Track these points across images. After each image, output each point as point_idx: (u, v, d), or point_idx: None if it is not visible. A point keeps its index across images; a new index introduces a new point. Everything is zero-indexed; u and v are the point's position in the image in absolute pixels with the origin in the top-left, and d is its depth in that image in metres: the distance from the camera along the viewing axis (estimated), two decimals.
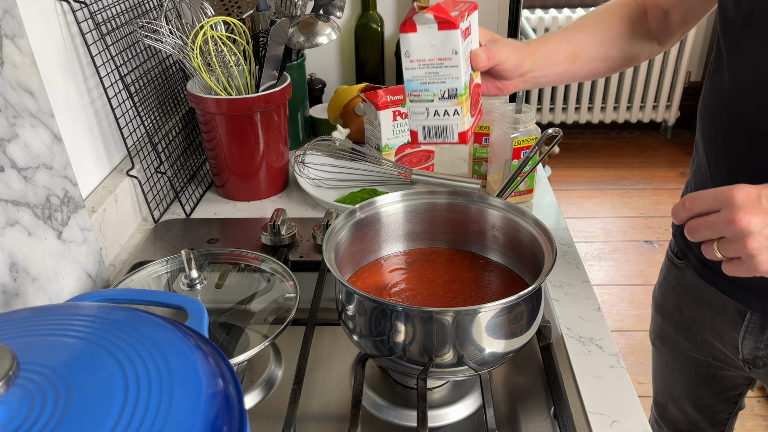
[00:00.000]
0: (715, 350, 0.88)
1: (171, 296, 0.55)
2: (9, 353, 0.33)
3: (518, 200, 1.03)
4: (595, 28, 0.83)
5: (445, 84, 0.66)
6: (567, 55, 0.80)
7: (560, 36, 0.82)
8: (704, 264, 0.82)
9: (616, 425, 0.63)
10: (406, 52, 0.66)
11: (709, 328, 0.86)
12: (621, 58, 0.84)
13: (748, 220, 0.54)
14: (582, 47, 0.81)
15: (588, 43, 0.81)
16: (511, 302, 0.58)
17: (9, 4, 0.65)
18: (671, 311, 0.93)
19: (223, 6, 1.07)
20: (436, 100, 0.67)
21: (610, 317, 2.22)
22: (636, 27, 0.83)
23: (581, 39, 0.82)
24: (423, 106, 0.68)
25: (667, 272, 0.94)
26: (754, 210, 0.54)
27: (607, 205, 2.90)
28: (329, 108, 1.23)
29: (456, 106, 0.66)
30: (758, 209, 0.54)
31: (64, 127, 0.84)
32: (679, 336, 0.93)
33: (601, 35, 0.82)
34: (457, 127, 0.68)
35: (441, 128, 0.69)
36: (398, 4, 1.36)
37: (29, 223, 0.67)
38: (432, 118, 0.68)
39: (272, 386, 0.72)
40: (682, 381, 0.98)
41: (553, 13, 3.05)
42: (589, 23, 0.83)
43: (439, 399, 0.69)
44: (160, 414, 0.33)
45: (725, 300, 0.81)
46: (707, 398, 0.96)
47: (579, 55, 0.81)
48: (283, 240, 0.89)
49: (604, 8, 0.85)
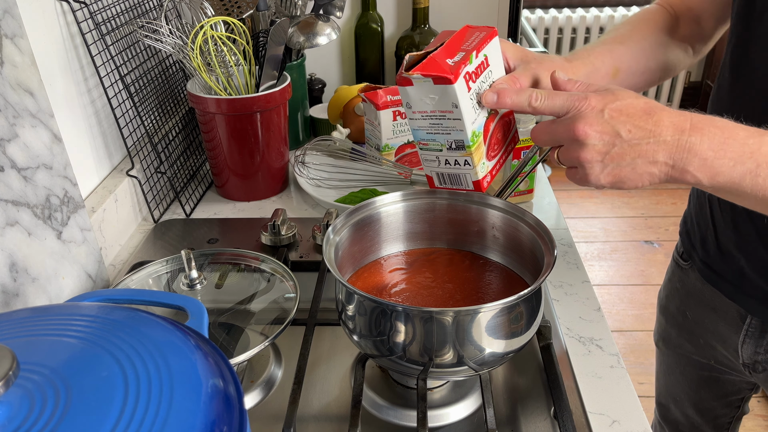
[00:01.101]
0: (717, 354, 0.87)
1: (171, 296, 0.54)
2: (9, 353, 0.33)
3: (518, 200, 1.03)
4: (633, 40, 0.79)
5: (450, 135, 0.61)
6: (608, 70, 0.77)
7: (602, 49, 0.78)
8: (708, 267, 0.82)
9: (616, 425, 0.63)
10: (407, 103, 0.62)
11: (711, 331, 0.86)
12: (658, 70, 0.81)
13: (585, 131, 0.54)
14: (623, 60, 0.78)
15: (628, 56, 0.78)
16: (511, 302, 0.58)
17: (9, 4, 0.65)
18: (675, 313, 0.93)
19: (223, 6, 1.07)
20: (444, 150, 0.63)
21: (610, 317, 2.22)
22: (671, 35, 0.80)
23: (622, 52, 0.78)
24: (433, 155, 0.64)
25: (672, 274, 0.94)
26: (594, 122, 0.54)
27: (607, 205, 2.90)
28: (329, 108, 1.23)
29: (465, 157, 0.62)
30: (598, 121, 0.54)
31: (64, 127, 0.84)
32: (682, 338, 0.93)
33: (639, 47, 0.79)
34: (470, 176, 0.64)
35: (454, 176, 0.65)
36: (398, 4, 1.36)
37: (29, 223, 0.67)
38: (444, 167, 0.64)
39: (272, 386, 0.72)
40: (684, 383, 0.98)
41: (553, 13, 3.05)
42: (627, 34, 0.80)
43: (439, 399, 0.69)
44: (160, 414, 0.33)
45: (728, 303, 0.81)
46: (709, 402, 0.96)
47: (620, 69, 0.77)
48: (283, 240, 0.89)
49: (637, 18, 0.82)
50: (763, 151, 0.53)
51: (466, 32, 0.63)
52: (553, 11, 3.08)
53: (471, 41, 0.61)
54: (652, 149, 0.54)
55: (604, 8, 3.08)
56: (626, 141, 0.54)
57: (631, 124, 0.54)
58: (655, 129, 0.54)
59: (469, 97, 0.60)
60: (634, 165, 0.55)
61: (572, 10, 3.09)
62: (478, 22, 1.36)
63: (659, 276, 2.43)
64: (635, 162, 0.55)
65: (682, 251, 0.90)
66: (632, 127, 0.54)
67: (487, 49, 0.62)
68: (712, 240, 0.79)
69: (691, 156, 0.54)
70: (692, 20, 0.81)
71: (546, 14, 3.06)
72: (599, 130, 0.54)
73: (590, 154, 0.55)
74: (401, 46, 1.33)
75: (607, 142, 0.54)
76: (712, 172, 0.54)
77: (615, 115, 0.54)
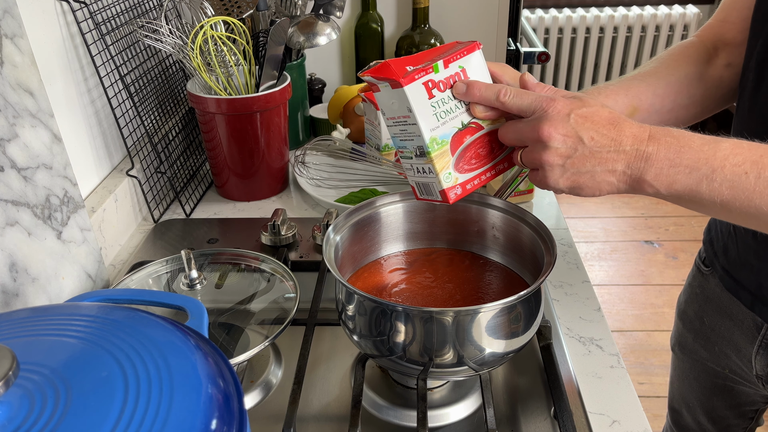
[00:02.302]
0: (731, 363, 0.86)
1: (171, 296, 0.54)
2: (9, 353, 0.33)
3: (518, 200, 1.03)
4: (656, 76, 0.75)
5: (413, 141, 0.61)
6: (622, 109, 0.72)
7: (617, 87, 0.73)
8: (729, 274, 0.81)
9: (616, 425, 0.63)
10: (381, 110, 0.63)
11: (727, 339, 0.85)
12: (694, 106, 0.76)
13: (549, 133, 0.54)
14: (641, 99, 0.73)
15: (649, 93, 0.73)
16: (511, 302, 0.58)
17: (9, 4, 0.65)
18: (692, 319, 0.92)
19: (223, 6, 1.07)
20: (413, 157, 0.62)
21: (610, 317, 2.22)
22: (706, 68, 0.75)
23: (641, 89, 0.73)
24: (408, 163, 0.64)
25: (693, 278, 0.92)
26: (559, 125, 0.54)
27: (607, 205, 2.90)
28: (329, 108, 1.23)
29: (428, 164, 0.61)
30: (563, 125, 0.54)
31: (64, 127, 0.84)
32: (698, 344, 0.92)
33: (665, 83, 0.74)
34: (436, 185, 0.62)
35: (426, 185, 0.64)
36: (398, 4, 1.36)
37: (29, 223, 0.67)
38: (418, 175, 0.64)
39: (272, 386, 0.72)
40: (697, 390, 0.96)
41: (554, 13, 3.05)
42: (651, 71, 0.76)
43: (439, 399, 0.69)
44: (160, 414, 0.33)
45: (745, 312, 0.80)
46: (722, 410, 0.95)
47: (638, 108, 0.73)
48: (283, 240, 0.89)
49: (667, 53, 0.78)
50: (718, 156, 0.53)
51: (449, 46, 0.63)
52: (553, 11, 3.08)
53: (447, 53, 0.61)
54: (612, 158, 0.54)
55: (604, 8, 3.08)
56: (588, 147, 0.54)
57: (595, 131, 0.54)
58: (617, 138, 0.54)
59: (430, 104, 0.59)
60: (593, 173, 0.55)
61: (572, 10, 3.09)
62: (479, 22, 1.36)
63: (659, 276, 2.43)
64: (595, 170, 0.55)
65: (704, 257, 0.89)
66: (595, 134, 0.54)
67: (464, 61, 0.61)
68: (734, 248, 0.79)
69: (647, 165, 0.54)
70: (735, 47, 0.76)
71: (546, 14, 3.06)
72: (563, 133, 0.54)
73: (552, 157, 0.55)
74: (401, 46, 1.33)
75: (569, 146, 0.55)
76: (668, 181, 0.54)
77: (580, 121, 0.54)
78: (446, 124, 0.60)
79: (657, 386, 1.91)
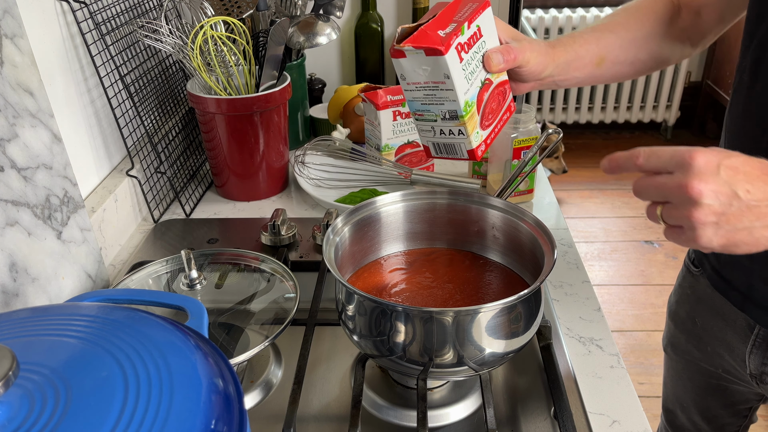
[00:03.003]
0: (724, 363, 0.86)
1: (171, 296, 0.54)
2: (9, 353, 0.33)
3: (518, 200, 1.03)
4: (625, 28, 0.77)
5: (444, 106, 0.62)
6: (593, 58, 0.75)
7: (588, 37, 0.76)
8: (719, 274, 0.81)
9: (616, 425, 0.63)
10: (401, 75, 0.62)
11: (719, 339, 0.85)
12: (649, 61, 0.79)
13: (700, 189, 0.49)
14: (609, 50, 0.76)
15: (617, 45, 0.77)
16: (511, 302, 0.58)
17: (9, 4, 0.65)
18: (684, 319, 0.92)
19: (223, 6, 1.07)
20: (438, 120, 0.63)
21: (610, 317, 2.22)
22: (669, 27, 0.79)
23: (610, 41, 0.76)
24: (428, 125, 0.65)
25: (683, 279, 0.92)
26: (710, 180, 0.49)
27: (607, 205, 2.90)
28: (329, 108, 1.23)
29: (459, 127, 0.63)
30: (714, 179, 0.49)
31: (64, 127, 0.84)
32: (691, 345, 0.92)
33: (631, 36, 0.77)
34: (465, 146, 0.64)
35: (449, 145, 0.66)
36: (398, 4, 1.36)
37: (29, 223, 0.67)
38: (439, 137, 0.65)
39: (272, 386, 0.72)
40: (690, 390, 0.96)
41: (554, 13, 3.05)
42: (620, 22, 0.78)
43: (439, 399, 0.68)
44: (160, 414, 0.33)
45: (736, 313, 0.80)
46: (716, 410, 0.95)
47: (605, 58, 0.76)
48: (283, 240, 0.89)
49: (635, 6, 0.80)
50: None
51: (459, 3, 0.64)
52: (553, 11, 3.08)
53: (463, 12, 0.62)
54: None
55: (604, 8, 3.08)
56: (744, 202, 0.49)
57: (750, 184, 0.49)
58: None
59: (461, 68, 0.60)
60: (751, 229, 0.50)
61: (572, 10, 3.09)
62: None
63: (659, 276, 2.43)
64: (753, 225, 0.50)
65: (693, 257, 0.88)
66: (751, 187, 0.49)
67: (480, 20, 0.62)
68: None
69: None
70: (694, 12, 0.79)
71: (546, 14, 3.06)
72: (715, 189, 0.49)
73: (704, 215, 0.49)
74: None
75: (723, 202, 0.49)
76: None
77: (732, 174, 0.49)
78: (473, 84, 0.62)
79: (657, 386, 1.91)
